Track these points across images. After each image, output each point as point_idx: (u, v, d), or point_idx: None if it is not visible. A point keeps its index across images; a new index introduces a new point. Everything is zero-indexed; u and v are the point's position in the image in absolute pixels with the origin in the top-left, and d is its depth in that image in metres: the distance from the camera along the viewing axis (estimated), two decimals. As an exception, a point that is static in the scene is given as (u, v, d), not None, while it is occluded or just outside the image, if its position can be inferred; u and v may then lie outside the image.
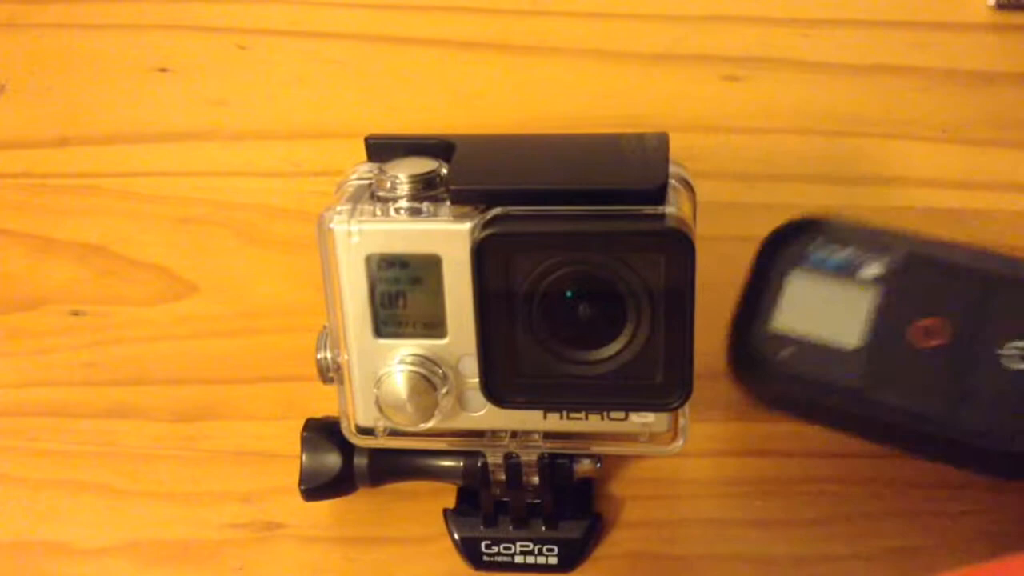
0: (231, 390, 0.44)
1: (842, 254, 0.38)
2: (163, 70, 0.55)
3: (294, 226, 0.48)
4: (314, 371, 0.40)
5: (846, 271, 0.37)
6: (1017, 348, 0.35)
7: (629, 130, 0.50)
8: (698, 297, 0.33)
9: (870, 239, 0.38)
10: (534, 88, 0.52)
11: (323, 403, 0.39)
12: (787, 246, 0.39)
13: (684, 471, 0.39)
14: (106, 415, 0.44)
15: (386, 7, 0.56)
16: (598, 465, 0.36)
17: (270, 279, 0.47)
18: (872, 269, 0.37)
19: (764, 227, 0.46)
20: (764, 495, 0.39)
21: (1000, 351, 0.35)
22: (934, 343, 0.36)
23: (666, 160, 0.33)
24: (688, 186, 0.34)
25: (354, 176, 0.36)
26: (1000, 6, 0.51)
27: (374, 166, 0.35)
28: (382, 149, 0.36)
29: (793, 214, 0.44)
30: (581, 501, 0.38)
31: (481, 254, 0.31)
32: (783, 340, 0.37)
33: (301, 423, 0.40)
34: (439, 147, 0.35)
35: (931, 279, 0.37)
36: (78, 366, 0.45)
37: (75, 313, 0.47)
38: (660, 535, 0.39)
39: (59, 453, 0.43)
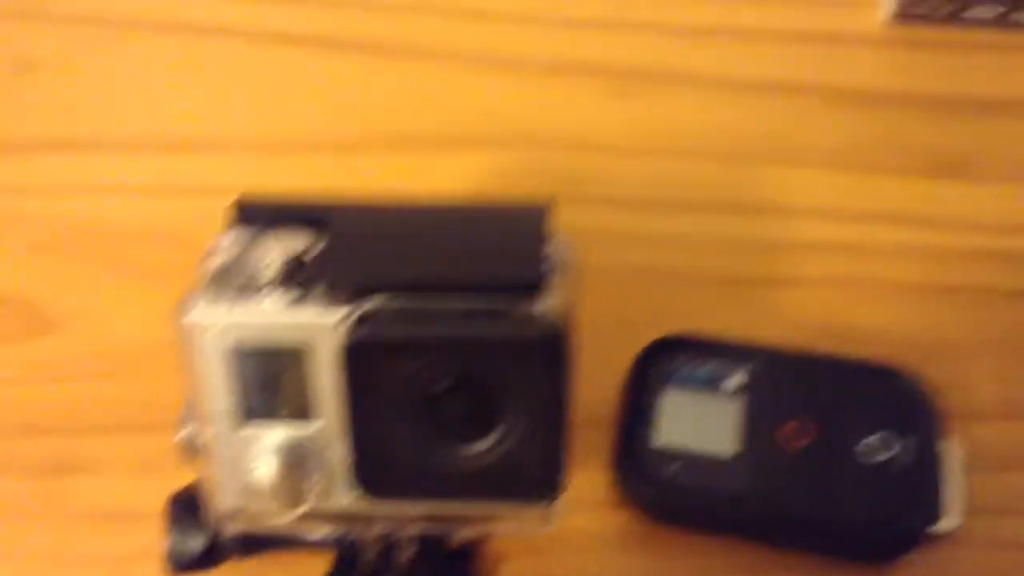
0: (95, 441, 0.42)
1: (705, 368, 0.40)
2: (16, 69, 0.52)
3: (163, 252, 0.46)
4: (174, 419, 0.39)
5: (712, 385, 0.40)
6: (869, 444, 0.38)
7: (515, 151, 0.49)
8: (585, 331, 0.33)
9: (729, 353, 0.41)
10: (416, 97, 0.51)
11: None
12: (655, 366, 0.41)
13: (562, 526, 0.39)
14: (-48, 470, 0.42)
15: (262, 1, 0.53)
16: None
17: (138, 314, 0.45)
18: (735, 380, 0.40)
19: (646, 258, 0.46)
20: (641, 549, 0.40)
21: (856, 448, 0.38)
22: (800, 444, 0.39)
23: (544, 241, 0.32)
24: (570, 266, 0.33)
25: (219, 251, 0.33)
26: (895, 19, 0.51)
27: (240, 238, 0.33)
28: (251, 215, 0.33)
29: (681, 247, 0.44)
30: (460, 567, 0.38)
31: (351, 356, 0.30)
32: (667, 456, 0.39)
33: (163, 479, 0.38)
34: (312, 217, 0.33)
35: (788, 386, 0.40)
36: (-79, 415, 0.43)
37: (-82, 354, 0.44)
38: (543, 592, 0.39)
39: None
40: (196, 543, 0.36)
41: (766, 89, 0.50)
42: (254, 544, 0.37)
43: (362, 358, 0.30)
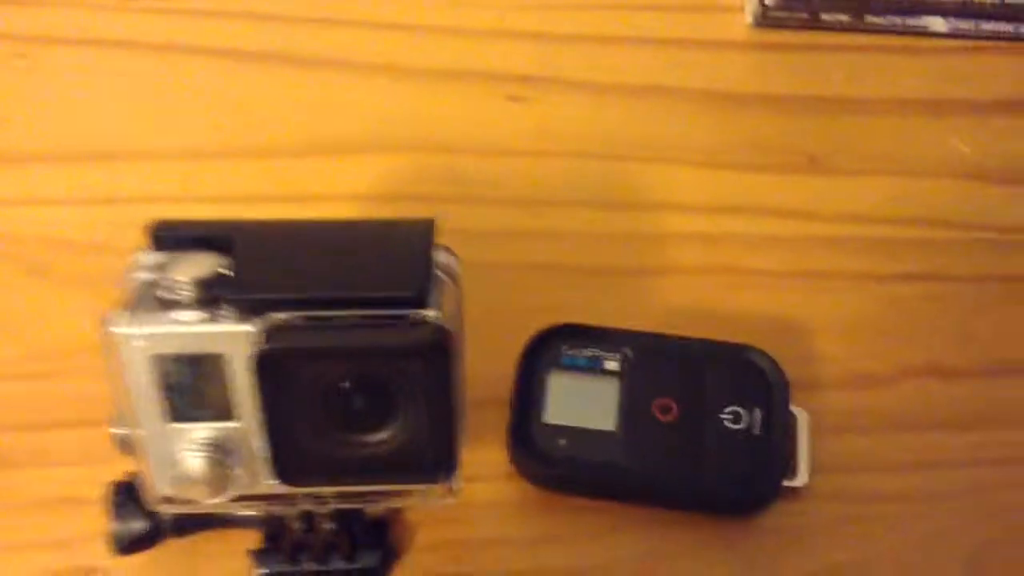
0: (32, 436, 0.45)
1: (586, 353, 0.45)
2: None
3: (85, 260, 0.50)
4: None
5: (593, 368, 0.45)
6: (731, 413, 0.44)
7: (416, 154, 0.53)
8: (483, 320, 0.38)
9: (607, 338, 0.45)
10: (320, 104, 0.54)
11: None
12: (543, 352, 0.45)
13: (468, 496, 0.43)
14: (-96, 467, 0.45)
15: (169, 12, 0.56)
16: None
17: (62, 318, 0.48)
18: (612, 363, 0.45)
19: (535, 253, 0.51)
20: (537, 514, 0.45)
21: (718, 418, 0.44)
22: (670, 417, 0.44)
23: (430, 255, 0.36)
24: (453, 277, 0.37)
25: (137, 270, 0.37)
26: (758, 23, 0.56)
27: (156, 260, 0.37)
28: (167, 239, 0.37)
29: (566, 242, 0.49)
30: (377, 534, 0.43)
31: (262, 364, 0.34)
32: (556, 432, 0.44)
33: (103, 468, 0.43)
34: (220, 238, 0.36)
35: (659, 366, 0.46)
36: None
37: None
38: (448, 556, 0.44)
39: None
40: (137, 526, 0.41)
41: (642, 92, 0.54)
42: (189, 525, 0.42)
43: (272, 365, 0.34)
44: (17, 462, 0.45)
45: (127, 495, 0.41)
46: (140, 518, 0.41)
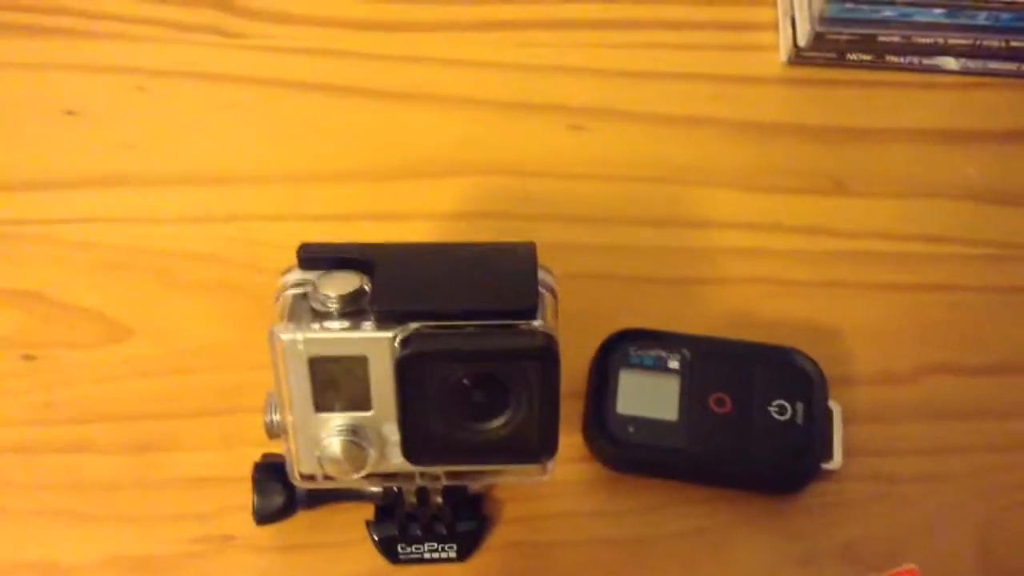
0: (176, 423, 0.52)
1: (651, 354, 0.52)
2: (70, 112, 0.61)
3: (210, 270, 0.57)
4: (245, 404, 0.51)
5: (657, 366, 0.52)
6: (777, 405, 0.51)
7: (490, 177, 0.60)
8: (560, 324, 0.44)
9: (669, 340, 0.52)
10: (408, 133, 0.61)
11: (255, 432, 0.46)
12: (614, 352, 0.52)
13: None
14: (66, 450, 0.52)
15: (276, 50, 0.63)
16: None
17: (196, 321, 0.55)
18: (673, 363, 0.52)
19: (599, 266, 0.58)
20: (606, 491, 0.52)
21: (765, 409, 0.50)
22: (724, 409, 0.51)
23: (535, 274, 0.43)
24: (552, 291, 0.44)
25: (290, 287, 0.44)
26: (791, 62, 0.63)
27: (304, 277, 0.44)
28: (311, 260, 0.44)
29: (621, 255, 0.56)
30: (473, 507, 0.50)
31: (402, 366, 0.41)
32: (627, 421, 0.50)
33: (241, 451, 0.50)
34: (359, 260, 0.43)
35: (713, 365, 0.52)
36: (37, 406, 0.53)
37: (27, 357, 0.54)
38: (531, 527, 0.51)
39: (29, 485, 0.51)
40: (276, 500, 0.48)
41: (688, 122, 0.61)
42: (320, 498, 0.49)
43: (408, 366, 0.41)
44: (162, 446, 0.52)
45: (267, 473, 0.48)
46: (279, 492, 0.48)
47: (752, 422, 0.51)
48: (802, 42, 0.61)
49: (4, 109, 0.60)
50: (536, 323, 0.41)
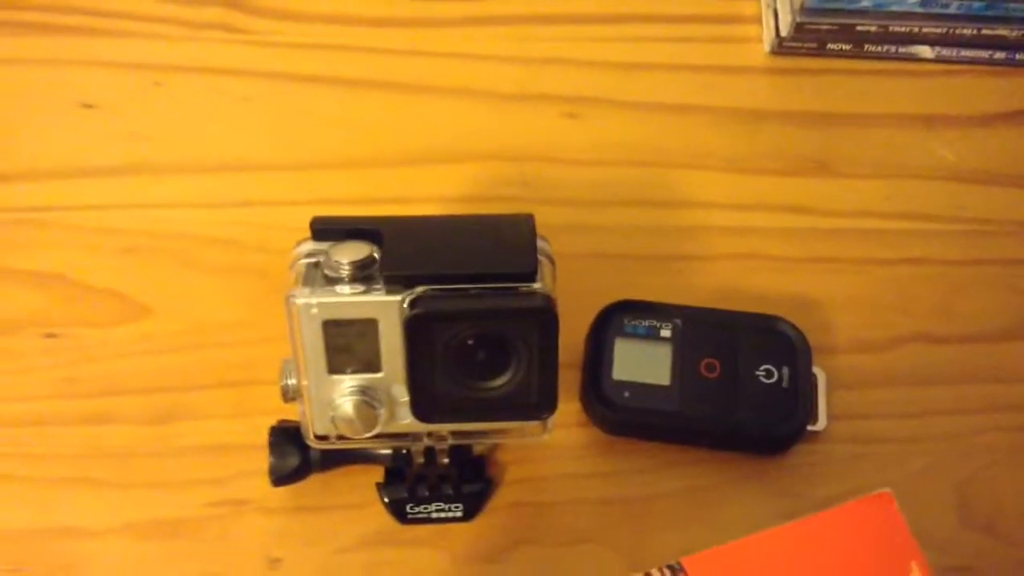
0: (192, 395, 0.55)
1: (644, 324, 0.55)
2: (88, 106, 0.64)
3: (223, 253, 0.59)
4: (257, 377, 0.54)
5: (650, 334, 0.54)
6: (764, 370, 0.54)
7: (491, 162, 0.63)
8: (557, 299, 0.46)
9: (661, 311, 0.55)
10: (411, 122, 0.64)
11: (268, 402, 0.50)
12: (609, 322, 0.55)
13: (549, 440, 0.52)
14: (88, 422, 0.54)
15: (284, 45, 0.66)
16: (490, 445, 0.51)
17: (209, 300, 0.58)
18: (665, 332, 0.54)
19: (595, 245, 0.60)
20: (603, 454, 0.54)
21: (752, 375, 0.53)
22: (714, 375, 0.53)
23: (534, 241, 0.46)
24: (550, 258, 0.47)
25: (303, 256, 0.46)
26: (774, 52, 0.66)
27: (317, 247, 0.46)
28: (324, 232, 0.47)
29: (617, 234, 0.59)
30: (478, 469, 0.53)
31: (410, 325, 0.44)
32: (622, 386, 0.53)
33: (254, 419, 0.53)
34: (369, 231, 0.46)
35: (703, 333, 0.55)
36: (59, 381, 0.55)
37: (49, 335, 0.56)
38: (532, 488, 0.53)
39: (53, 456, 0.53)
40: (291, 461, 0.50)
41: (677, 110, 0.64)
42: (332, 460, 0.51)
43: (416, 327, 0.44)
44: (180, 416, 0.54)
45: (282, 436, 0.51)
46: (294, 455, 0.51)
47: (740, 386, 0.53)
48: (784, 32, 0.65)
49: (26, 103, 0.63)
50: (536, 286, 0.44)
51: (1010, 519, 0.53)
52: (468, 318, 0.44)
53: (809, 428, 0.54)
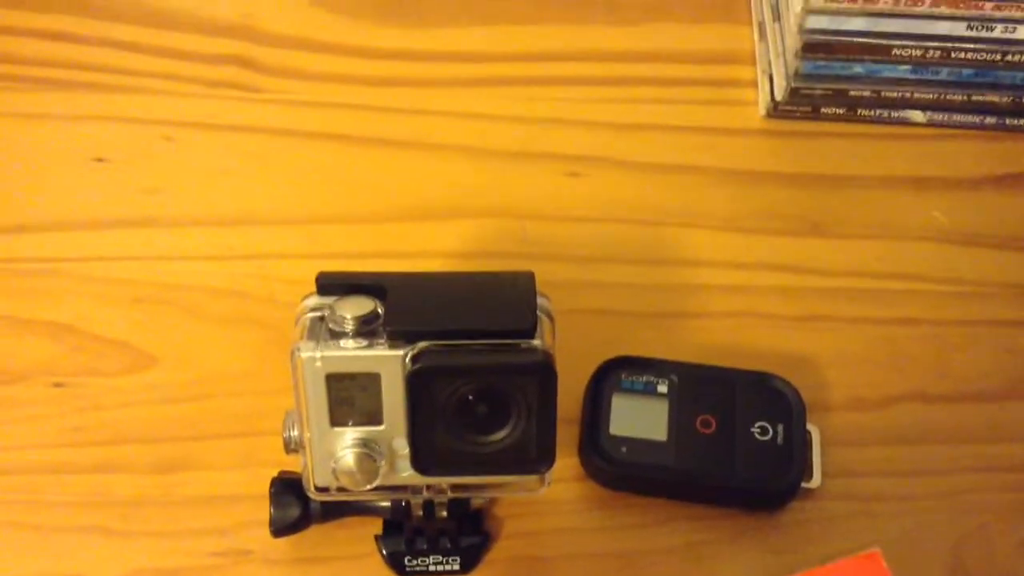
0: (198, 445, 0.56)
1: (642, 379, 0.56)
2: (99, 160, 0.66)
3: (231, 304, 0.60)
4: (261, 428, 0.54)
5: (647, 390, 0.55)
6: (759, 427, 0.54)
7: (493, 219, 0.64)
8: (556, 355, 0.46)
9: (658, 367, 0.56)
10: (416, 179, 0.66)
11: (271, 453, 0.51)
12: (607, 378, 0.56)
13: (546, 494, 0.53)
14: (95, 470, 0.55)
15: (293, 103, 0.68)
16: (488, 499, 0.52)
17: (216, 351, 0.59)
18: (662, 387, 0.55)
19: (594, 301, 0.62)
20: (600, 508, 0.55)
21: (748, 431, 0.54)
22: (710, 431, 0.54)
23: (534, 298, 0.47)
24: (549, 315, 0.48)
25: (308, 310, 0.48)
26: (769, 115, 0.68)
27: (322, 301, 0.48)
28: (329, 287, 0.48)
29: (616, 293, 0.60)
30: (476, 523, 0.53)
31: (412, 380, 0.45)
32: (619, 441, 0.54)
33: (257, 470, 0.53)
34: (373, 287, 0.47)
35: (699, 390, 0.55)
36: (67, 430, 0.56)
37: (57, 385, 0.57)
38: (530, 541, 0.54)
39: (60, 503, 0.54)
40: (292, 512, 0.51)
41: (675, 170, 0.66)
42: (332, 512, 0.52)
43: (418, 381, 0.45)
44: (185, 465, 0.55)
45: (284, 487, 0.52)
46: (294, 506, 0.52)
47: (736, 443, 0.54)
48: (779, 97, 0.66)
49: (41, 156, 0.65)
50: (535, 342, 0.45)
51: (1003, 579, 0.54)
52: (468, 373, 0.45)
53: (804, 485, 0.54)
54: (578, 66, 0.70)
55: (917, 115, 0.67)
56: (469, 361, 0.45)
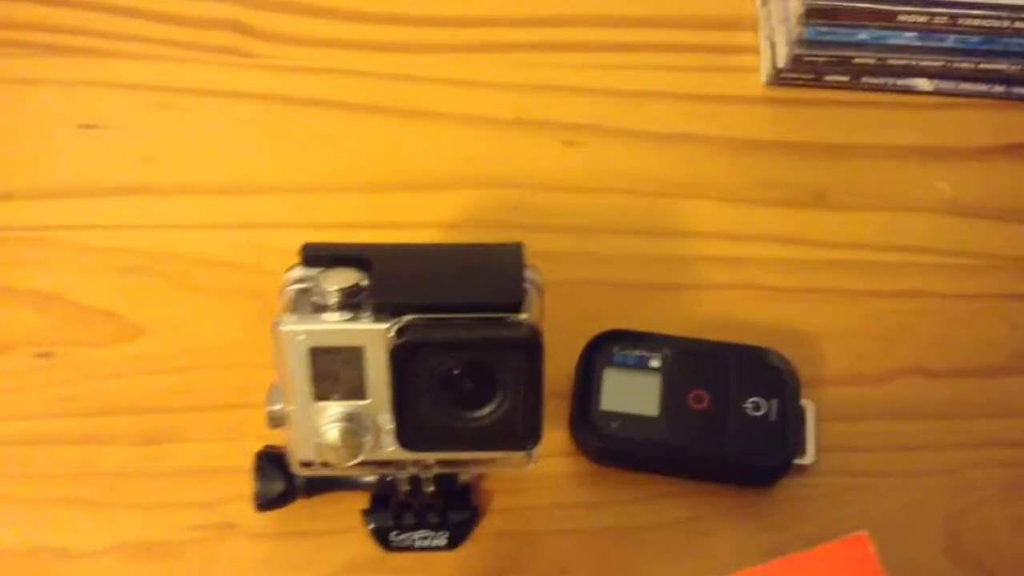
0: (184, 417, 0.55)
1: (634, 354, 0.55)
2: (91, 126, 0.64)
3: (222, 275, 0.59)
4: (249, 400, 0.54)
5: (639, 365, 0.54)
6: (752, 402, 0.53)
7: (488, 189, 0.63)
8: (546, 327, 0.45)
9: (650, 341, 0.55)
10: (410, 147, 0.64)
11: (259, 426, 0.49)
12: (599, 352, 0.55)
13: (536, 469, 0.52)
14: (81, 442, 0.54)
15: (289, 69, 0.67)
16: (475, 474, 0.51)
17: (205, 322, 0.58)
18: (655, 362, 0.54)
19: (589, 272, 0.61)
20: (590, 484, 0.54)
21: (741, 406, 0.53)
22: (703, 406, 0.53)
23: (522, 271, 0.46)
24: (538, 288, 0.47)
25: (293, 282, 0.47)
26: (771, 83, 0.66)
27: (307, 273, 0.47)
28: (314, 258, 0.47)
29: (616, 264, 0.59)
30: (464, 498, 0.53)
31: (396, 354, 0.44)
32: (610, 417, 0.53)
33: (244, 443, 0.53)
34: (358, 258, 0.47)
35: (693, 364, 0.54)
36: (53, 400, 0.56)
37: (43, 355, 0.57)
38: (519, 517, 0.53)
39: (46, 475, 0.54)
40: (277, 486, 0.51)
41: (674, 139, 0.64)
42: (318, 486, 0.51)
43: (402, 355, 0.44)
44: (172, 437, 0.55)
45: (268, 462, 0.51)
46: (279, 480, 0.51)
47: (728, 418, 0.53)
48: (781, 64, 0.65)
49: (32, 122, 0.64)
50: (522, 316, 0.44)
51: (1000, 556, 0.53)
52: (454, 347, 0.44)
53: (797, 461, 0.53)
54: (574, 31, 0.68)
55: (923, 83, 0.65)
56: (454, 335, 0.44)
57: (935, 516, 0.54)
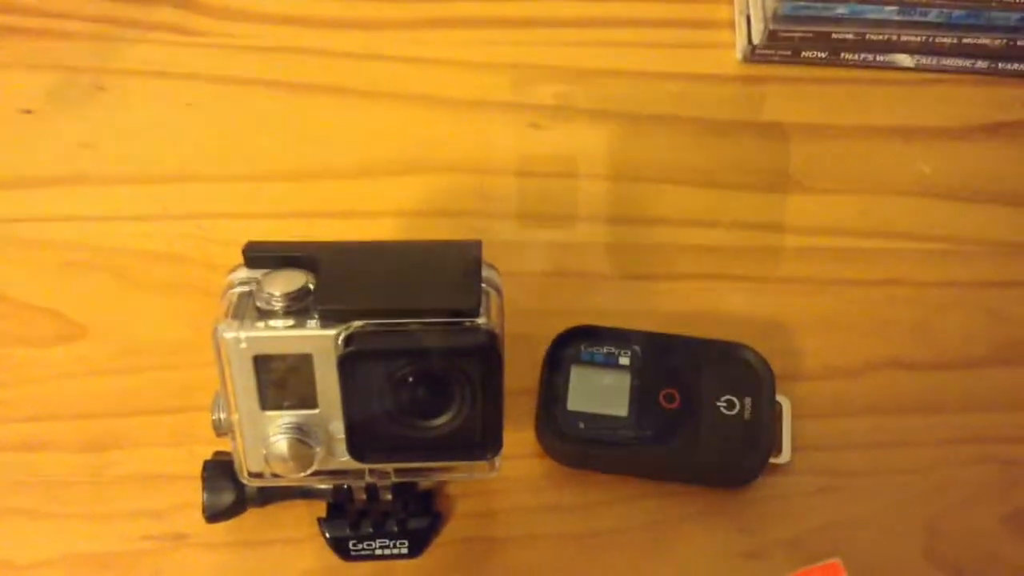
0: (131, 422, 0.53)
1: (603, 351, 0.52)
2: (27, 111, 0.61)
3: (166, 269, 0.57)
4: (198, 403, 0.51)
5: (608, 362, 0.52)
6: (725, 400, 0.51)
7: (450, 174, 0.60)
8: (508, 320, 0.44)
9: (619, 337, 0.52)
10: (368, 131, 0.61)
11: (209, 431, 0.46)
12: (565, 349, 0.52)
13: (501, 472, 0.49)
14: (22, 448, 0.52)
15: (235, 47, 0.63)
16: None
17: (149, 320, 0.55)
18: (624, 359, 0.52)
19: (556, 262, 0.58)
20: (558, 487, 0.52)
21: (714, 404, 0.51)
22: (674, 405, 0.51)
23: (479, 272, 0.43)
24: (497, 289, 0.44)
25: (236, 285, 0.44)
26: (746, 60, 0.63)
27: (251, 276, 0.44)
28: (258, 259, 0.44)
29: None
30: (425, 504, 0.50)
31: (344, 363, 0.41)
32: (577, 417, 0.51)
33: (194, 448, 0.51)
34: (305, 258, 0.44)
35: (663, 361, 0.52)
36: (-10, 405, 0.53)
37: (-20, 357, 0.54)
38: (484, 522, 0.51)
39: (-15, 483, 0.52)
40: (226, 497, 0.48)
41: (644, 120, 0.62)
42: (270, 496, 0.49)
43: (352, 364, 0.42)
44: (117, 443, 0.52)
45: (217, 471, 0.49)
46: (229, 490, 0.48)
47: (701, 417, 0.51)
48: (757, 39, 0.62)
49: (-41, 108, 0.61)
50: (480, 320, 0.42)
51: (980, 560, 0.51)
52: (406, 356, 0.42)
53: (772, 461, 0.51)
54: (540, 6, 0.65)
55: (904, 59, 0.63)
56: (406, 343, 0.42)
57: (915, 517, 0.52)
